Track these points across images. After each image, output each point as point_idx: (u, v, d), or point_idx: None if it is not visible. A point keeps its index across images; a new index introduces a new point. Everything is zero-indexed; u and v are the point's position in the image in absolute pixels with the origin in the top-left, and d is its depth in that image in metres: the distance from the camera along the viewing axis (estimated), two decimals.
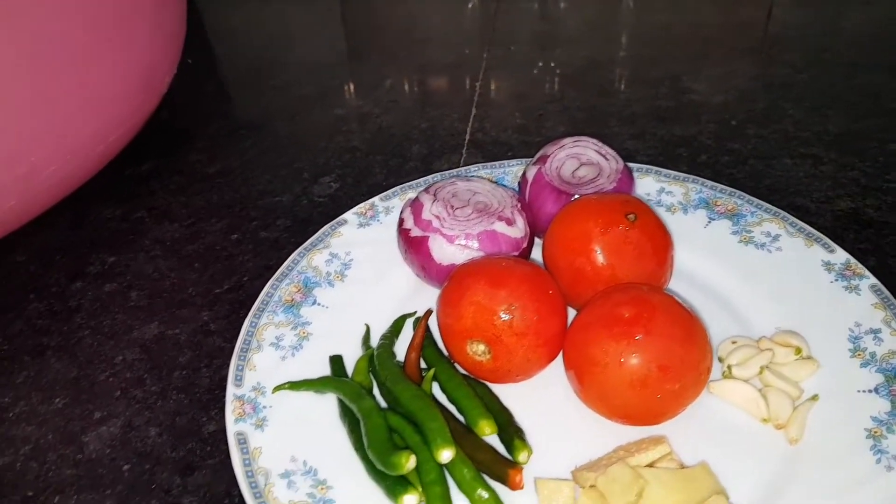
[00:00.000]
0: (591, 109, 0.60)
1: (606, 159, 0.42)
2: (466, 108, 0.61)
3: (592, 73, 0.66)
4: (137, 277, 0.45)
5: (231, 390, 0.33)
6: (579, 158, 0.42)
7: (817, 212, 0.46)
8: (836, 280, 0.37)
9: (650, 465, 0.29)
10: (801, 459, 0.30)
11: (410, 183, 0.47)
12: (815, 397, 0.32)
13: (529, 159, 0.48)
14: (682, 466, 0.30)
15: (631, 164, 0.45)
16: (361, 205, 0.45)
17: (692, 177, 0.45)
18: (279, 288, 0.39)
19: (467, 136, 0.57)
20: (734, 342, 0.35)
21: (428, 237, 0.38)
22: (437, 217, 0.38)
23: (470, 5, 0.84)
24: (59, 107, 0.42)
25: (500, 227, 0.38)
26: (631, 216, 0.35)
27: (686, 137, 0.55)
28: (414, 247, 0.38)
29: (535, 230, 0.40)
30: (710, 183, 0.45)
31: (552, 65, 0.68)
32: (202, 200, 0.51)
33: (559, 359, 0.33)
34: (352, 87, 0.66)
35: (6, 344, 0.41)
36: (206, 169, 0.55)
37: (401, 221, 0.40)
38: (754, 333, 0.36)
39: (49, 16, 0.39)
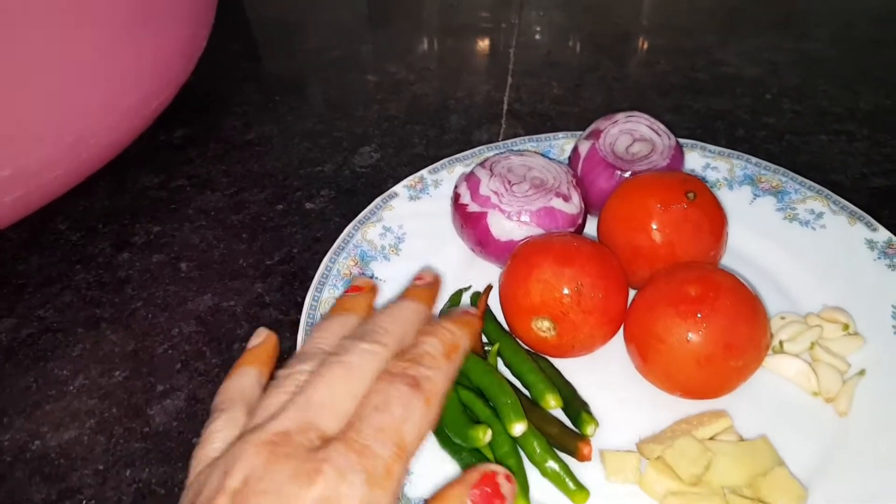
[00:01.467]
0: (627, 80, 0.60)
1: (659, 135, 0.42)
2: (502, 77, 0.61)
3: (625, 42, 0.66)
4: (185, 248, 0.45)
5: None
6: (632, 134, 0.42)
7: (853, 188, 0.47)
8: (879, 258, 0.38)
9: (712, 439, 0.31)
10: (850, 431, 0.32)
11: (457, 156, 0.47)
12: (861, 372, 0.34)
13: (574, 133, 0.48)
14: (741, 439, 0.31)
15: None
16: (410, 177, 0.45)
17: (736, 153, 0.46)
18: (337, 262, 0.39)
19: (505, 106, 0.57)
20: (783, 318, 0.36)
21: (486, 213, 0.38)
22: (496, 193, 0.38)
23: None
24: (103, 78, 0.41)
25: (557, 203, 0.38)
26: (690, 194, 0.35)
27: (722, 111, 0.55)
28: (471, 222, 0.39)
29: (588, 207, 0.41)
30: (754, 159, 0.45)
31: (585, 32, 0.68)
32: (242, 169, 0.51)
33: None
34: (383, 51, 0.66)
35: (58, 315, 0.41)
36: (242, 136, 0.55)
37: (456, 196, 0.40)
38: (802, 310, 0.37)
39: None
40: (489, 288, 0.37)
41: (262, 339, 0.32)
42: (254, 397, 0.28)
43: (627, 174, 0.40)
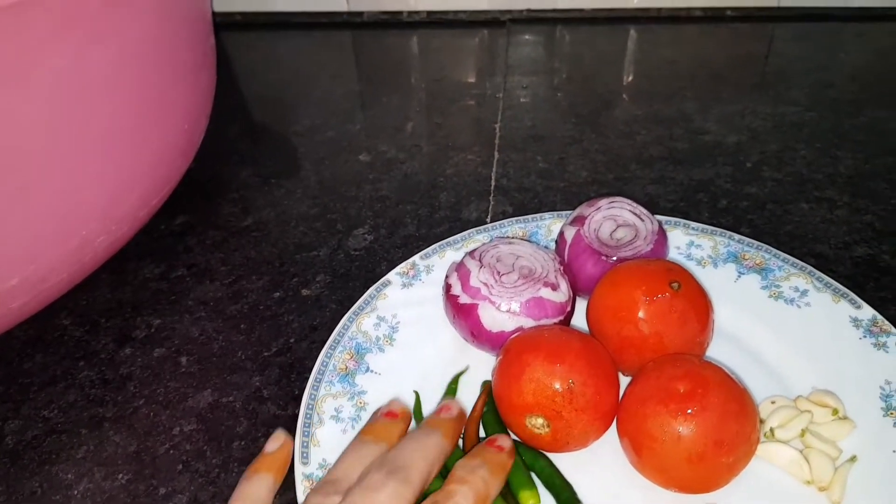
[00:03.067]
0: (610, 152, 0.61)
1: (642, 220, 0.43)
2: (489, 152, 0.62)
3: (606, 112, 0.68)
4: (185, 341, 0.46)
5: (299, 469, 0.35)
6: (616, 220, 0.43)
7: (837, 259, 0.48)
8: (865, 336, 0.39)
9: None
10: None
11: (448, 240, 0.48)
12: (853, 458, 0.34)
13: (560, 213, 0.49)
14: None
15: (658, 217, 0.47)
16: (403, 265, 0.46)
17: (719, 230, 0.47)
18: (333, 356, 0.40)
19: (493, 182, 0.58)
20: (773, 402, 0.37)
21: (477, 305, 0.39)
22: (486, 284, 0.39)
23: (479, 39, 0.85)
24: (106, 180, 0.43)
25: (545, 292, 0.39)
26: (675, 284, 0.37)
27: (704, 181, 0.56)
28: (463, 313, 0.40)
29: (575, 290, 0.42)
30: (737, 236, 0.46)
31: (567, 103, 0.70)
32: (241, 256, 0.52)
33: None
34: (373, 130, 0.68)
35: (62, 416, 0.42)
36: (240, 222, 0.56)
37: (447, 287, 0.41)
38: (791, 392, 0.38)
39: (97, 96, 0.40)
40: (487, 387, 0.38)
41: (280, 445, 0.34)
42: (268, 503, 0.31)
43: (614, 259, 0.41)
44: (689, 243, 0.47)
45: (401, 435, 0.34)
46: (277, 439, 0.35)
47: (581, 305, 0.41)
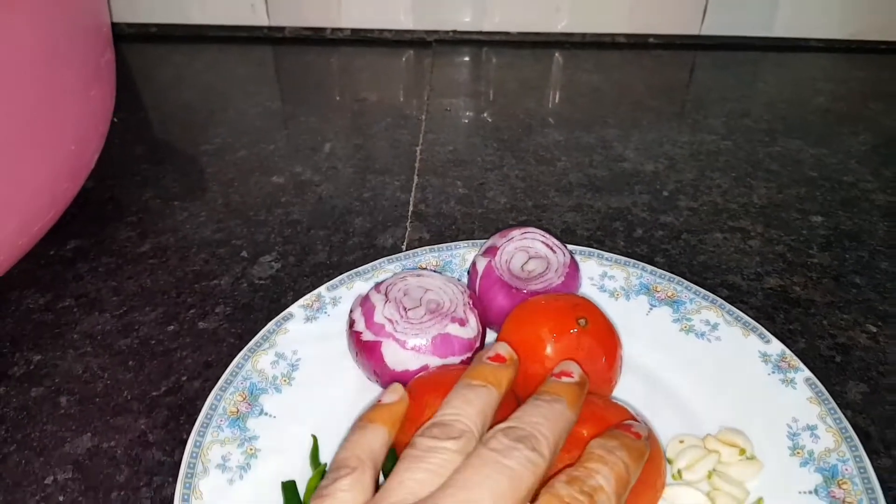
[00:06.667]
0: (530, 178, 0.61)
1: (554, 252, 0.42)
2: (408, 176, 0.61)
3: (528, 137, 0.67)
4: (66, 379, 0.42)
5: None
6: (528, 252, 0.42)
7: (749, 290, 0.48)
8: (773, 372, 0.39)
9: None
10: None
11: (357, 270, 0.46)
12: (759, 501, 0.33)
13: (475, 242, 0.48)
14: None
15: (573, 247, 0.46)
16: (307, 296, 0.44)
17: (632, 261, 0.46)
18: (223, 398, 0.37)
19: (410, 208, 0.57)
20: (682, 441, 0.36)
21: (381, 342, 0.37)
22: (390, 321, 0.37)
23: (404, 59, 0.84)
24: None
25: (453, 328, 0.37)
26: (582, 321, 0.35)
27: (621, 210, 0.56)
28: (366, 351, 0.37)
29: (486, 321, 0.40)
30: (649, 268, 0.46)
31: (489, 128, 0.69)
32: (135, 285, 0.49)
33: None
34: (289, 151, 0.65)
35: None
36: (137, 248, 0.52)
37: (351, 322, 0.39)
38: (700, 430, 0.37)
39: None
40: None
41: (398, 398, 0.31)
42: (381, 459, 0.28)
43: (525, 291, 0.40)
44: (602, 274, 0.46)
45: (510, 382, 0.31)
46: (396, 391, 0.32)
47: (492, 337, 0.40)
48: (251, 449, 0.35)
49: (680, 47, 0.87)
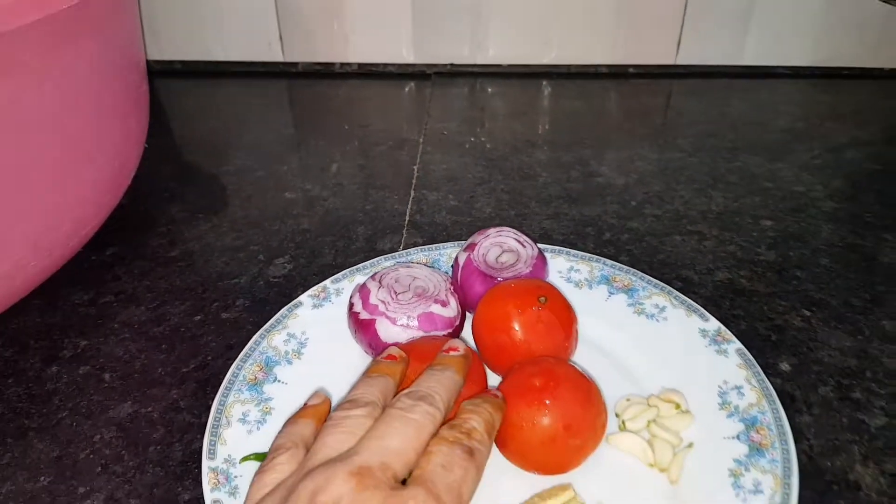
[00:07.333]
0: (514, 192, 0.68)
1: (524, 246, 0.49)
2: (406, 191, 0.68)
3: (515, 157, 0.75)
4: (109, 360, 0.49)
5: (206, 463, 0.38)
6: (501, 246, 0.49)
7: (700, 282, 0.55)
8: (710, 345, 0.46)
9: None
10: (680, 496, 0.38)
11: (357, 266, 0.53)
12: (690, 445, 0.40)
13: (461, 242, 0.55)
14: None
15: (546, 246, 0.54)
16: (314, 287, 0.51)
17: (595, 257, 0.53)
18: (243, 368, 0.45)
19: (407, 218, 0.64)
20: (628, 400, 0.43)
21: (375, 320, 0.44)
22: (383, 302, 0.45)
23: (407, 90, 0.92)
24: (39, 214, 0.47)
25: (435, 308, 0.45)
26: (542, 299, 0.42)
27: (593, 217, 0.63)
28: (363, 328, 0.45)
29: (466, 307, 0.47)
30: (610, 262, 0.53)
31: (480, 149, 0.77)
32: (166, 284, 0.56)
33: None
34: (300, 171, 0.73)
35: None
36: (167, 253, 0.60)
37: (351, 305, 0.46)
38: (645, 392, 0.44)
39: (34, 135, 0.45)
40: None
41: (321, 402, 0.39)
42: (310, 442, 0.34)
43: (498, 279, 0.47)
44: (569, 268, 0.53)
45: (403, 373, 0.38)
46: (318, 396, 0.39)
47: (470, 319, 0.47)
48: (266, 408, 0.42)
49: (657, 76, 0.95)
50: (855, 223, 0.63)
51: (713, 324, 0.47)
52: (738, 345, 0.45)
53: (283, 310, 0.49)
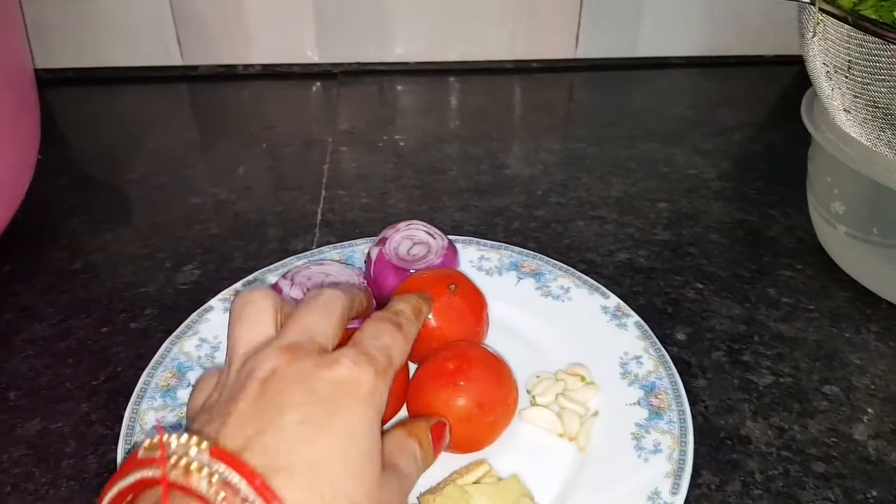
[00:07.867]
0: (425, 187, 0.69)
1: (434, 238, 0.51)
2: (316, 191, 0.69)
3: (425, 153, 0.76)
4: (13, 378, 0.48)
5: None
6: (412, 239, 0.51)
7: (602, 263, 0.58)
8: (611, 320, 0.48)
9: (476, 482, 0.38)
10: (588, 462, 0.40)
11: (269, 267, 0.53)
12: (596, 413, 0.42)
13: (372, 238, 0.56)
14: (500, 480, 0.38)
15: (457, 237, 0.55)
16: (225, 291, 0.51)
17: (504, 245, 0.56)
18: (154, 375, 0.44)
19: (319, 217, 0.64)
20: (538, 377, 0.45)
21: None
22: (295, 300, 0.45)
23: (313, 90, 0.92)
24: None
25: None
26: (452, 286, 0.44)
27: (501, 208, 0.66)
28: None
29: (380, 300, 0.48)
30: (517, 249, 0.55)
31: (391, 147, 0.78)
32: (69, 297, 0.55)
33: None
34: (206, 175, 0.72)
35: None
36: (69, 266, 0.58)
37: None
38: (553, 368, 0.46)
39: None
40: None
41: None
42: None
43: (411, 271, 0.48)
44: (479, 257, 0.55)
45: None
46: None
47: None
48: (182, 413, 0.42)
49: (559, 70, 0.98)
50: (742, 201, 0.68)
51: (613, 300, 0.50)
52: (637, 318, 0.48)
53: (194, 315, 0.48)
